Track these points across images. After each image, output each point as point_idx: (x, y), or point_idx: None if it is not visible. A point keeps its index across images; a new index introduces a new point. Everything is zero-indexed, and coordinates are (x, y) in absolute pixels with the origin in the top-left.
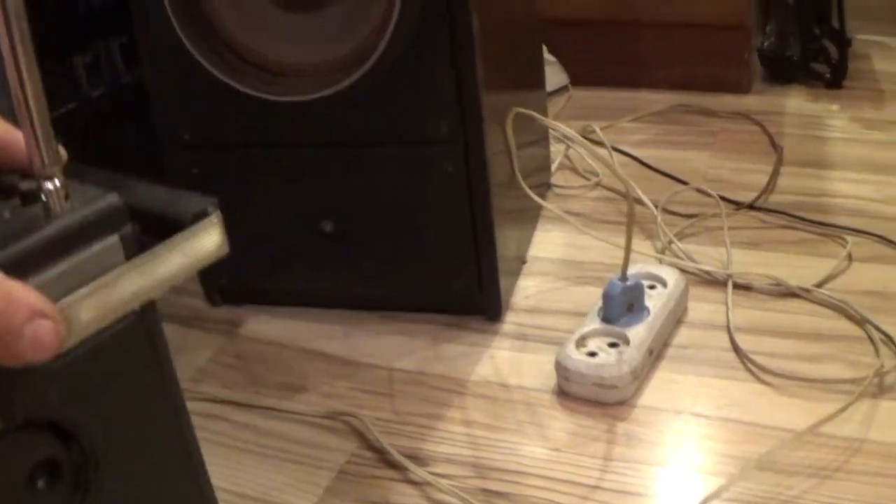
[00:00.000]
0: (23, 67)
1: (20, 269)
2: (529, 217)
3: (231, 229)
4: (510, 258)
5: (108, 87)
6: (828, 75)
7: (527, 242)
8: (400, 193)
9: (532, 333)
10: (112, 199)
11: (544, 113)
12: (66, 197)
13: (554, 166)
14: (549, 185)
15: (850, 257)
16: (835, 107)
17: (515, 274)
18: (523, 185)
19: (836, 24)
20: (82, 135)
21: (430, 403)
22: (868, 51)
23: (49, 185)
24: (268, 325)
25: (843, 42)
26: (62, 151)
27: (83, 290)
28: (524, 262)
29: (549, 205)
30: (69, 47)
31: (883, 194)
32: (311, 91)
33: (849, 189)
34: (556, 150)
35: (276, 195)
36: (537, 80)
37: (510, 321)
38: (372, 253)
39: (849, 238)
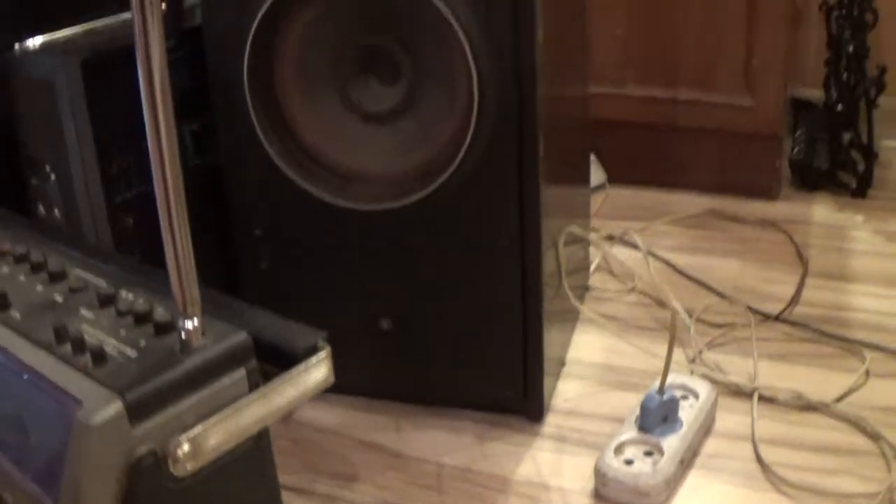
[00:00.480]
0: (175, 222)
1: (161, 399)
2: (570, 319)
3: (293, 318)
4: (552, 360)
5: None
6: (854, 185)
7: (567, 345)
8: (456, 298)
9: (571, 436)
10: (241, 336)
11: (587, 209)
12: (202, 333)
13: (592, 267)
14: (587, 288)
15: (867, 373)
16: (859, 217)
17: (556, 376)
18: (569, 293)
19: (864, 136)
20: (151, 215)
21: (476, 500)
22: (893, 158)
23: (189, 325)
24: (322, 412)
25: (871, 154)
26: None
27: (213, 419)
28: (564, 364)
29: (589, 310)
30: (143, 130)
31: None
32: (382, 201)
33: (870, 304)
34: (594, 250)
35: (340, 292)
36: (583, 178)
37: (551, 422)
38: (425, 351)
39: (868, 354)
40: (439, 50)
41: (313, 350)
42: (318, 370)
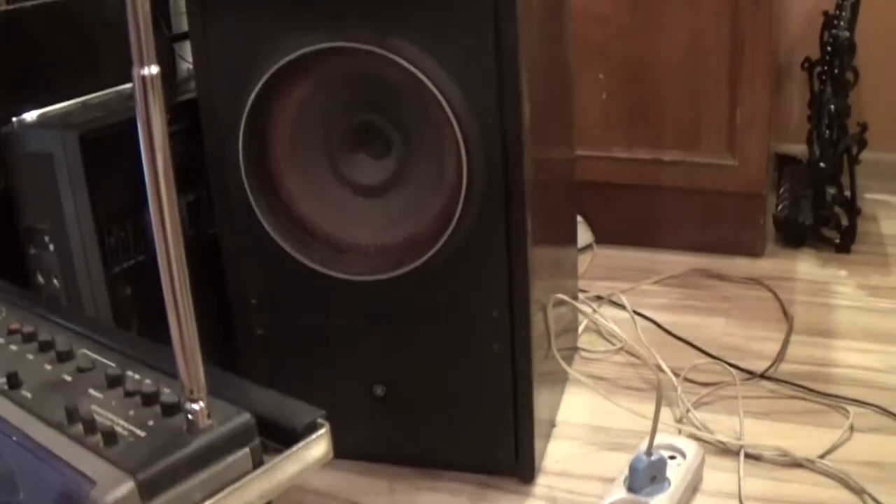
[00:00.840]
0: (181, 313)
1: (170, 478)
2: (559, 380)
3: (287, 385)
4: (543, 422)
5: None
6: (837, 240)
7: (556, 406)
8: (448, 365)
9: (562, 497)
10: (245, 417)
11: (575, 270)
12: (208, 415)
13: (580, 328)
14: (575, 349)
15: (851, 428)
16: (843, 272)
17: (546, 437)
18: (557, 356)
19: (847, 191)
20: (148, 284)
21: None
22: (876, 211)
23: (195, 407)
24: (318, 476)
25: (854, 210)
26: None
27: (219, 496)
28: (554, 425)
29: (578, 371)
30: (142, 203)
31: (885, 364)
32: (374, 272)
33: (854, 359)
34: (582, 311)
35: (334, 359)
36: (571, 240)
37: (542, 483)
38: (418, 416)
39: (851, 409)
40: (428, 127)
41: (313, 427)
42: (317, 446)
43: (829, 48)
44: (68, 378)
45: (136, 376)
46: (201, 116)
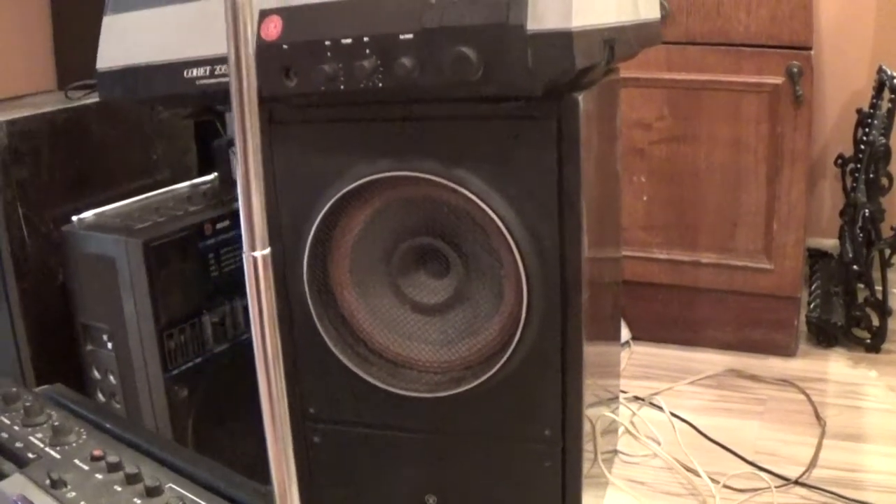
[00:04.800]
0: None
1: None
2: (601, 485)
3: (345, 493)
4: None
5: (231, 343)
6: (868, 340)
7: None
8: (499, 480)
9: None
10: None
11: (617, 368)
12: None
13: (620, 430)
14: (615, 452)
15: None
16: (873, 373)
17: None
18: (602, 466)
19: (878, 292)
20: (204, 385)
21: None
22: None
23: None
24: None
25: (885, 311)
26: None
27: None
28: None
29: (617, 476)
30: (200, 307)
31: None
32: (432, 389)
33: (884, 465)
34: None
35: (388, 469)
36: (615, 339)
37: None
38: None
39: None
40: (489, 252)
41: None
42: None
43: (862, 149)
44: None
45: None
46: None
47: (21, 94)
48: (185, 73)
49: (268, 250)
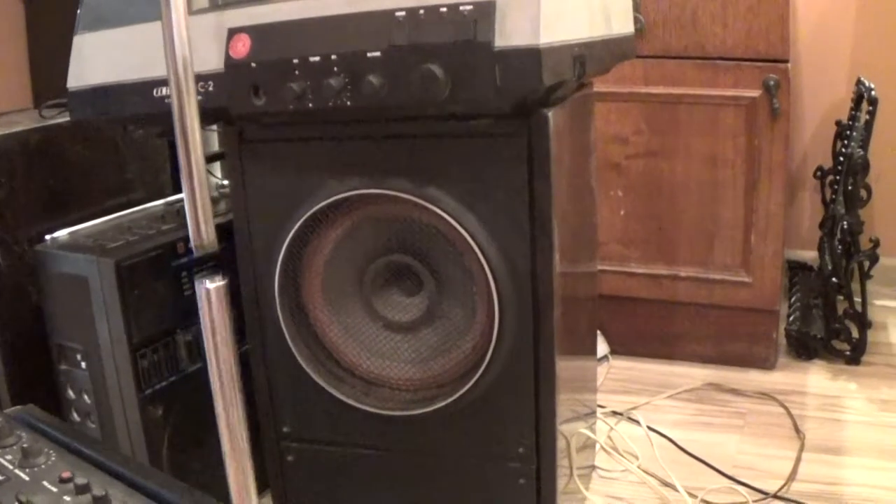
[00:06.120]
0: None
1: None
2: (577, 500)
3: None
4: None
5: (205, 361)
6: (848, 352)
7: None
8: (474, 496)
9: None
10: None
11: (594, 383)
12: None
13: (598, 446)
14: (593, 467)
15: None
16: (853, 385)
17: None
18: (578, 482)
19: (857, 305)
20: (179, 404)
21: None
22: (886, 318)
23: None
24: None
25: (864, 324)
26: None
27: None
28: None
29: (595, 492)
30: (174, 326)
31: (894, 482)
32: (405, 407)
33: (864, 477)
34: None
35: (363, 487)
36: (591, 353)
37: None
38: None
39: None
40: (461, 270)
41: None
42: None
43: (841, 161)
44: None
45: None
46: (237, 253)
47: None
48: (154, 91)
49: (222, 283)
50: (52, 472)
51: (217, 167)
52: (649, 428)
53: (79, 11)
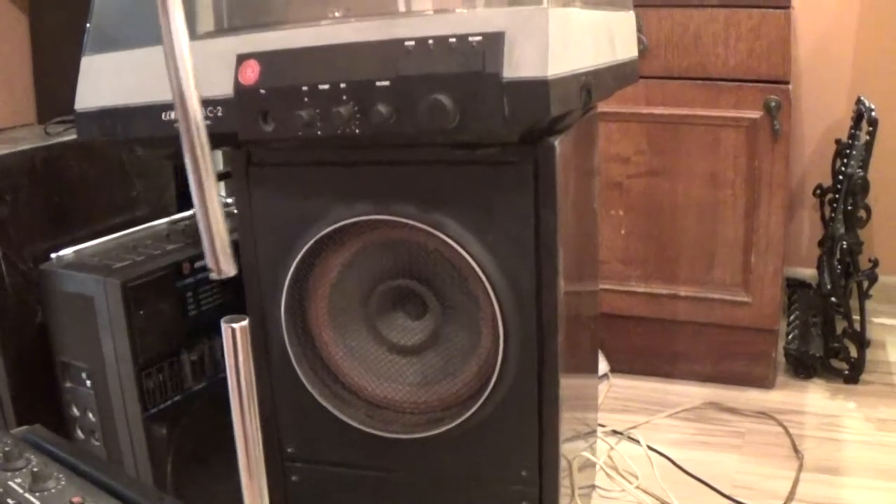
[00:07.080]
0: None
1: None
2: None
3: None
4: None
5: (209, 381)
6: (847, 371)
7: None
8: None
9: None
10: None
11: (595, 402)
12: None
13: (598, 465)
14: (593, 486)
15: None
16: (851, 404)
17: None
18: (579, 502)
19: (856, 323)
20: (183, 423)
21: None
22: (884, 336)
23: None
24: None
25: (863, 343)
26: None
27: None
28: None
29: None
30: (179, 346)
31: (892, 502)
32: (409, 430)
33: (862, 498)
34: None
35: None
36: (592, 372)
37: None
38: None
39: None
40: (466, 295)
41: None
42: None
43: (841, 180)
44: None
45: None
46: (244, 276)
47: (0, 127)
48: (163, 115)
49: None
50: (63, 496)
51: (221, 185)
52: (649, 447)
53: (87, 33)
